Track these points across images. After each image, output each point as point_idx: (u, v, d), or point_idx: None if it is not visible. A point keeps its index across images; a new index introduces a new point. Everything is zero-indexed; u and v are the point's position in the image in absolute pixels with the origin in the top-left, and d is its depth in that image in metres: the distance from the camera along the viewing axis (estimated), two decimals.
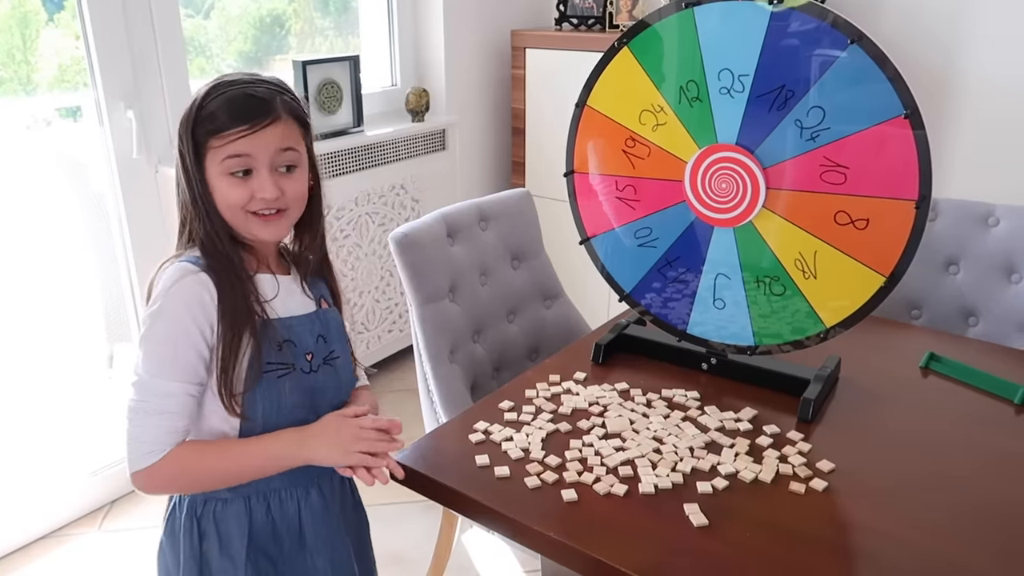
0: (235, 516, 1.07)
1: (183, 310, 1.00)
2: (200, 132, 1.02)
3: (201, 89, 1.04)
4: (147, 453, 0.99)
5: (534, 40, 2.86)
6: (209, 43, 2.46)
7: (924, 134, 1.13)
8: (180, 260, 1.04)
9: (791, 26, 1.19)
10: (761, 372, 1.39)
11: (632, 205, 1.41)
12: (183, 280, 1.00)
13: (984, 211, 1.78)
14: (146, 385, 0.99)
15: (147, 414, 0.99)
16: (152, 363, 0.99)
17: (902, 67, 1.13)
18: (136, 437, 0.99)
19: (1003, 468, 1.15)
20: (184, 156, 1.03)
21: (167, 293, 1.00)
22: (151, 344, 1.00)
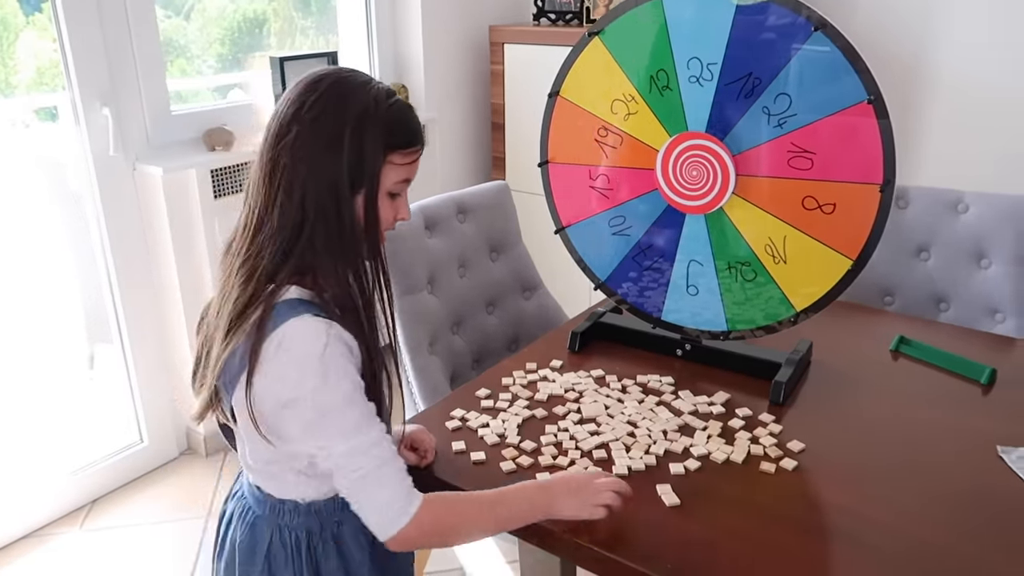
0: (355, 536, 1.02)
1: (347, 365, 0.92)
2: (377, 147, 0.92)
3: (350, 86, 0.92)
4: (399, 512, 0.91)
5: (512, 35, 2.87)
6: (189, 44, 2.46)
7: (888, 119, 1.15)
8: (303, 312, 0.91)
9: (757, 14, 1.20)
10: (734, 357, 1.41)
11: (605, 194, 1.43)
12: (331, 335, 0.90)
13: (954, 198, 1.81)
14: (356, 449, 0.91)
15: (372, 475, 0.91)
16: (349, 426, 0.91)
17: (875, 58, 1.15)
18: (380, 505, 0.91)
19: (970, 447, 1.18)
20: (358, 163, 0.91)
21: (323, 358, 0.89)
22: (333, 410, 0.90)
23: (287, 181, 0.91)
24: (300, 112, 0.91)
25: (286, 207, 0.91)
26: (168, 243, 2.21)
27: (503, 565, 1.97)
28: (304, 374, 0.89)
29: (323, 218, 0.91)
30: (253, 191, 0.95)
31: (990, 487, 1.08)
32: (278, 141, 0.92)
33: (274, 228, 0.92)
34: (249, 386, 0.90)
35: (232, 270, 0.95)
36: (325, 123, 0.91)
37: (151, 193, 2.18)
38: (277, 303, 0.91)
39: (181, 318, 2.28)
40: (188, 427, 2.45)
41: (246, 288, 0.92)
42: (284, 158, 0.91)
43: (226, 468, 2.36)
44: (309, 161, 0.91)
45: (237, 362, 0.93)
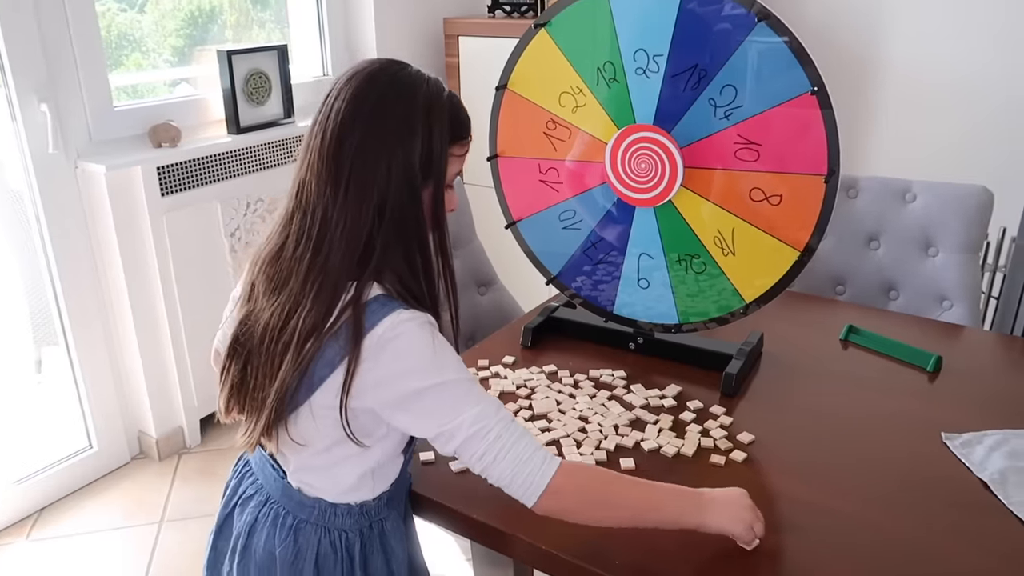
0: (395, 531, 1.02)
1: (441, 342, 0.92)
2: (444, 137, 0.92)
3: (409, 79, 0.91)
4: (540, 469, 0.89)
5: (467, 28, 2.84)
6: (144, 37, 2.39)
7: (831, 110, 1.15)
8: (396, 308, 0.89)
9: (702, 6, 1.20)
10: (686, 349, 1.41)
11: (555, 188, 1.42)
12: (433, 323, 0.92)
13: (902, 187, 1.84)
14: (485, 413, 0.89)
15: (504, 436, 0.89)
16: (473, 395, 0.90)
17: (826, 50, 1.16)
18: (519, 462, 0.89)
19: (915, 434, 1.19)
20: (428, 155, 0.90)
21: (434, 344, 0.89)
22: (460, 386, 0.90)
23: (360, 180, 0.88)
24: (363, 108, 0.89)
25: (359, 207, 0.88)
26: (114, 243, 2.14)
27: (463, 562, 1.96)
28: (422, 363, 0.89)
29: (400, 215, 0.90)
30: (310, 193, 0.90)
31: (935, 474, 1.10)
32: (342, 140, 0.89)
33: (346, 230, 0.88)
34: (347, 388, 0.88)
35: (294, 280, 0.91)
36: (394, 118, 0.89)
37: (94, 192, 2.11)
38: (368, 302, 0.89)
39: (129, 320, 2.22)
40: (140, 431, 2.39)
41: (320, 296, 0.88)
42: (353, 157, 0.88)
43: (180, 472, 2.31)
44: (382, 158, 0.88)
45: (321, 368, 0.89)
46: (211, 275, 2.33)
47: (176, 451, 2.40)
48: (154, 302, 2.25)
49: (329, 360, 0.89)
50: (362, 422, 0.93)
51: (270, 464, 1.02)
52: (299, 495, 0.99)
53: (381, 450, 0.97)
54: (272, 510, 1.01)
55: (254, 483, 1.05)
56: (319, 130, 0.91)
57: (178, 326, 2.29)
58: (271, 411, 0.91)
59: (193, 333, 2.32)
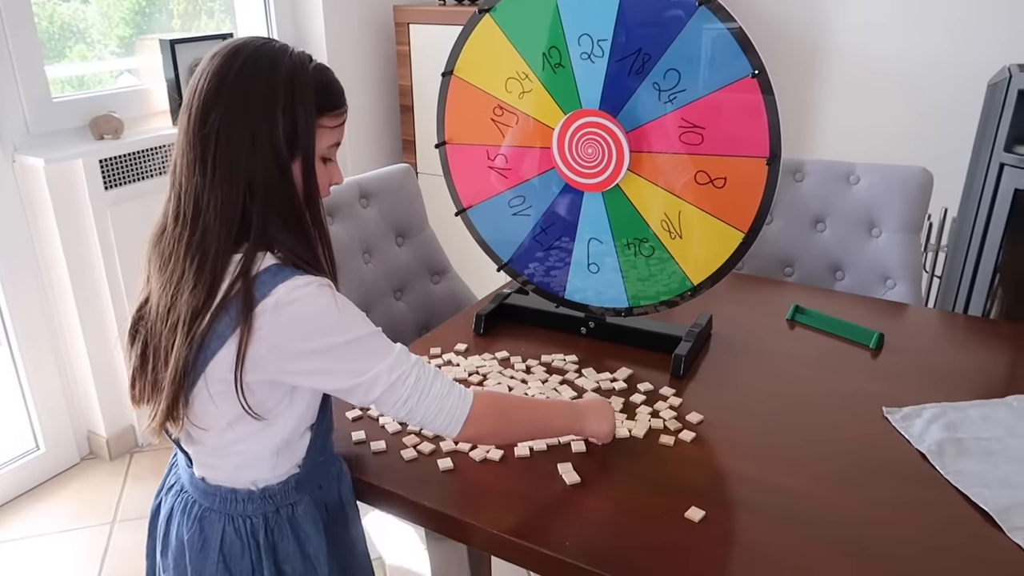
0: (309, 515, 1.01)
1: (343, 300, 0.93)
2: (309, 110, 0.91)
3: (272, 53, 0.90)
4: (460, 400, 0.96)
5: (417, 15, 2.82)
6: (89, 28, 2.32)
7: (772, 94, 1.17)
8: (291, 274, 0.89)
9: None
10: (637, 332, 1.42)
11: (504, 174, 1.42)
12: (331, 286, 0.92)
13: (846, 170, 1.87)
14: (393, 366, 0.93)
15: (420, 379, 0.94)
16: (384, 345, 0.94)
17: (773, 35, 1.17)
18: (440, 397, 0.95)
19: (858, 409, 1.22)
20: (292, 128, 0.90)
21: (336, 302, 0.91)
22: (369, 337, 0.93)
23: (226, 157, 0.88)
24: (224, 85, 0.88)
25: (228, 184, 0.88)
26: (56, 238, 2.09)
27: (420, 549, 1.95)
28: (328, 322, 0.90)
29: (271, 189, 0.90)
30: (182, 174, 0.90)
31: (877, 447, 1.13)
32: (205, 118, 0.88)
33: (219, 207, 0.88)
34: (241, 360, 0.87)
35: (175, 260, 0.90)
36: (255, 92, 0.88)
37: (34, 186, 2.05)
38: (259, 272, 0.89)
39: (75, 317, 2.17)
40: (89, 431, 2.34)
41: (202, 273, 0.89)
42: (217, 134, 0.88)
43: (132, 471, 2.27)
44: (245, 133, 0.88)
45: (213, 343, 0.89)
46: None
47: (128, 450, 2.35)
48: (101, 298, 2.20)
49: (220, 334, 0.88)
50: (259, 397, 0.92)
51: (184, 453, 1.02)
52: (202, 483, 1.00)
53: (283, 427, 0.97)
54: (183, 499, 1.02)
55: (176, 473, 1.06)
56: (184, 109, 0.90)
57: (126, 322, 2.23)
58: (169, 393, 0.91)
59: None
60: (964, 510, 1.00)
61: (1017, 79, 2.01)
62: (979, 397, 1.23)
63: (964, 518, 0.98)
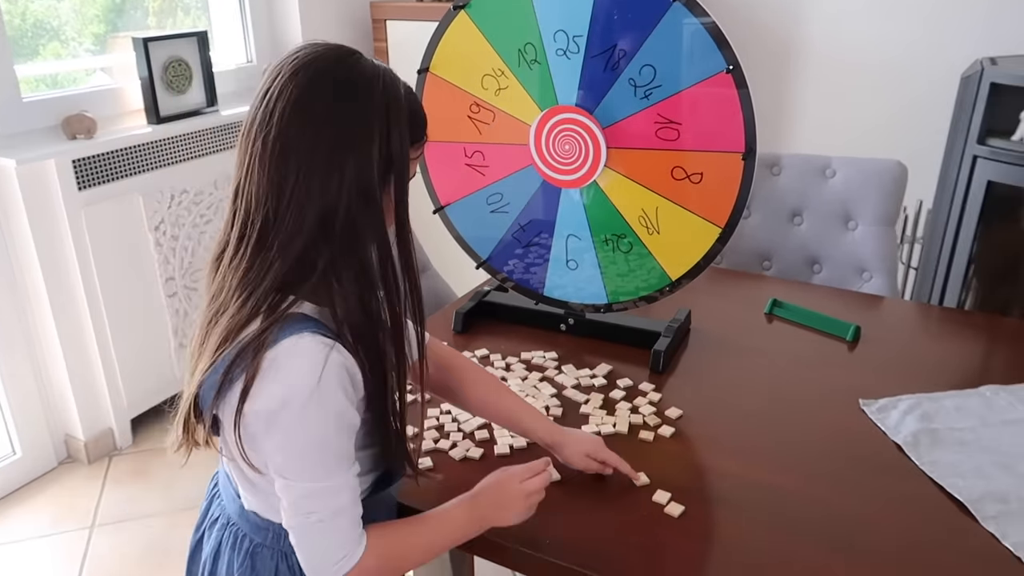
0: None
1: (339, 396, 0.80)
2: (404, 139, 0.81)
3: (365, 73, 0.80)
4: (340, 560, 0.83)
5: (394, 12, 2.80)
6: (63, 26, 2.28)
7: (747, 89, 1.17)
8: (305, 329, 0.79)
9: None
10: (617, 328, 1.42)
11: (481, 171, 1.41)
12: (329, 360, 0.78)
13: (822, 163, 1.88)
14: (314, 495, 0.81)
15: (324, 523, 0.82)
16: (315, 467, 0.81)
17: (748, 30, 1.17)
18: (323, 551, 0.83)
19: (835, 402, 1.23)
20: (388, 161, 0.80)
21: (314, 385, 0.77)
22: (306, 446, 0.80)
23: (304, 191, 0.78)
24: (311, 112, 0.78)
25: (302, 214, 0.78)
26: (29, 240, 2.06)
27: None
28: (289, 398, 0.78)
29: (350, 228, 0.79)
30: (250, 201, 0.80)
31: (854, 439, 1.14)
32: (287, 149, 0.78)
33: (288, 237, 0.79)
34: (241, 408, 0.79)
35: (227, 284, 0.82)
36: (347, 123, 0.78)
37: (5, 187, 2.02)
38: (288, 314, 0.80)
39: (50, 319, 2.14)
40: (67, 434, 2.31)
41: (247, 299, 0.80)
42: (298, 167, 0.78)
43: (110, 475, 2.24)
44: (333, 168, 0.78)
45: (218, 378, 0.80)
46: (136, 270, 2.26)
47: (106, 453, 2.33)
48: (76, 300, 2.17)
49: (224, 372, 0.80)
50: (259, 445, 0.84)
51: (231, 483, 0.95)
52: (254, 516, 0.92)
53: None
54: (232, 533, 0.95)
55: (220, 504, 0.98)
56: (259, 133, 0.79)
57: (103, 324, 2.21)
58: (184, 411, 0.85)
59: (119, 331, 2.24)
60: (939, 500, 1.01)
61: (989, 72, 2.04)
62: (953, 388, 1.25)
63: (939, 508, 0.99)
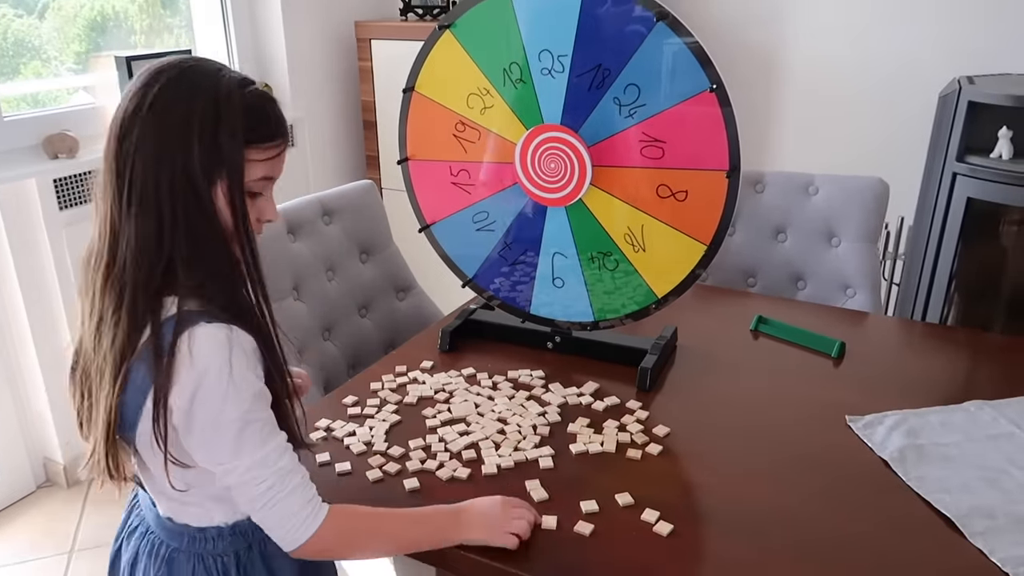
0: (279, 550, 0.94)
1: (249, 373, 0.84)
2: (235, 136, 0.83)
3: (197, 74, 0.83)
4: (306, 519, 0.87)
5: (379, 31, 2.81)
6: (44, 45, 2.27)
7: (730, 107, 1.18)
8: (197, 321, 0.82)
9: (603, 5, 1.21)
10: (604, 346, 1.42)
11: (467, 190, 1.41)
12: (232, 342, 0.83)
13: (805, 181, 1.90)
14: (256, 465, 0.85)
15: (275, 488, 0.85)
16: (247, 441, 0.84)
17: (732, 49, 1.18)
18: (286, 515, 0.86)
19: (821, 418, 1.23)
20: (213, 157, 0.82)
21: (225, 368, 0.81)
22: (233, 423, 0.83)
23: (139, 183, 0.82)
24: (142, 107, 0.82)
25: (143, 212, 0.82)
26: (9, 260, 2.03)
27: None
28: (204, 389, 0.82)
29: (185, 219, 0.83)
30: (103, 199, 0.85)
31: (841, 456, 1.14)
32: (121, 141, 0.82)
33: (135, 237, 0.82)
34: (158, 414, 0.82)
35: (95, 290, 0.85)
36: (171, 115, 0.82)
37: None
38: (164, 320, 0.83)
39: (29, 341, 2.11)
40: (45, 457, 2.27)
41: (119, 313, 0.83)
42: (131, 158, 0.82)
43: (90, 498, 2.21)
44: (158, 158, 0.81)
45: (134, 395, 0.84)
46: None
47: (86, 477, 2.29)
48: (56, 321, 2.15)
49: (140, 386, 0.83)
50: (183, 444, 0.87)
51: (147, 493, 0.97)
52: (169, 523, 0.95)
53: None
54: (150, 540, 0.97)
55: (139, 514, 1.01)
56: (107, 132, 0.84)
57: None
58: (101, 444, 0.86)
59: None
60: (926, 516, 1.01)
61: (967, 91, 2.07)
62: (938, 403, 1.25)
63: (927, 524, 1.00)
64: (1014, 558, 0.92)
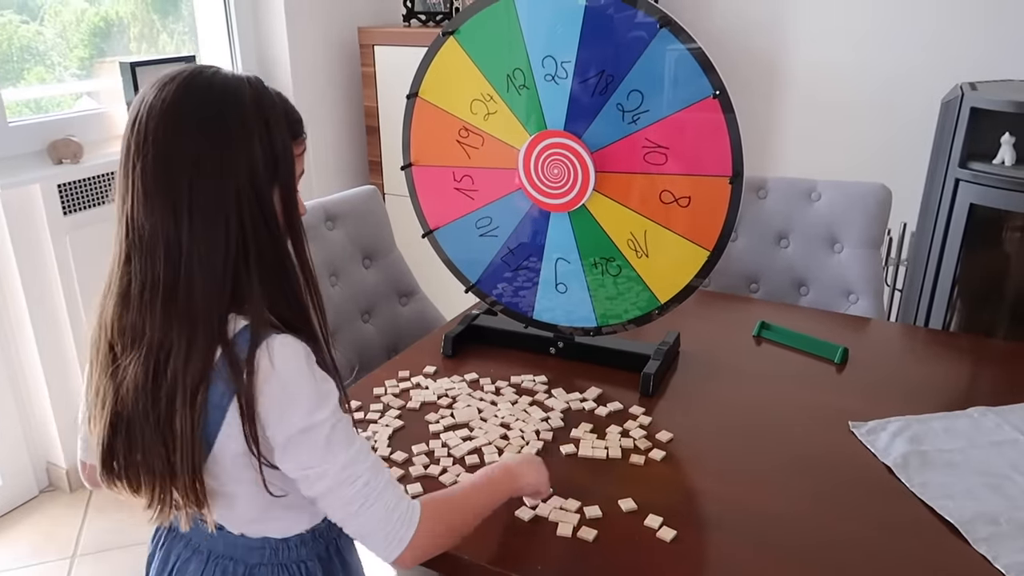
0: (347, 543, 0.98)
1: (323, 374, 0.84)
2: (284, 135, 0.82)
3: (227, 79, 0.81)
4: (406, 515, 0.85)
5: (382, 37, 2.82)
6: (48, 51, 2.28)
7: (733, 114, 1.19)
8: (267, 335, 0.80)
9: (606, 12, 1.22)
10: (606, 351, 1.42)
11: (470, 195, 1.42)
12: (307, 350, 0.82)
13: (808, 187, 1.90)
14: (349, 464, 0.83)
15: (370, 484, 0.83)
16: (339, 441, 0.83)
17: (734, 55, 1.18)
18: (386, 513, 0.84)
19: (824, 424, 1.23)
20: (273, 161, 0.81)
21: (308, 375, 0.81)
22: (324, 425, 0.82)
23: (202, 202, 0.78)
24: (185, 122, 0.78)
25: (210, 232, 0.78)
26: (12, 266, 2.04)
27: None
28: (292, 397, 0.80)
29: (254, 230, 0.80)
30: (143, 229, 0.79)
31: (844, 462, 1.14)
32: (169, 163, 0.78)
33: (202, 260, 0.78)
34: (250, 426, 0.79)
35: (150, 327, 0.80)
36: (224, 125, 0.79)
37: None
38: (234, 336, 0.80)
39: (32, 346, 2.11)
40: (48, 462, 2.27)
41: (195, 341, 0.79)
42: (188, 179, 0.77)
43: (93, 503, 2.21)
44: (224, 173, 0.78)
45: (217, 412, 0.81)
46: None
47: None
48: (60, 326, 2.15)
49: (217, 404, 0.80)
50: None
51: (200, 521, 0.92)
52: (244, 540, 0.92)
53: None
54: (218, 566, 0.93)
55: (187, 545, 0.96)
56: (136, 157, 0.79)
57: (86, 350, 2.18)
58: (184, 473, 0.81)
59: None
60: (930, 522, 1.01)
61: (969, 97, 2.07)
62: (941, 409, 1.25)
63: (931, 530, 0.99)
64: (1018, 564, 0.92)
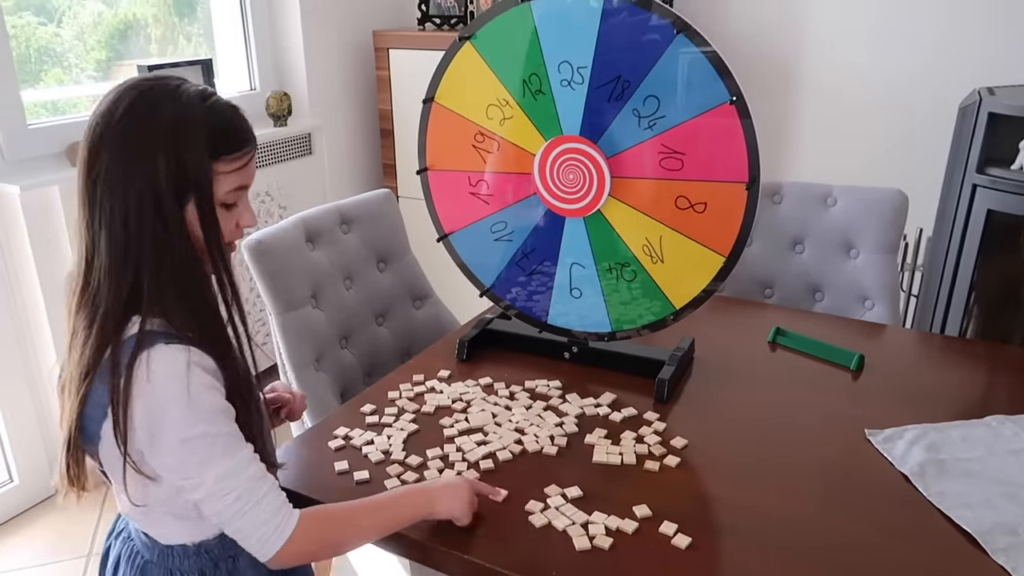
0: (251, 567, 0.98)
1: (210, 391, 0.87)
2: (200, 154, 0.85)
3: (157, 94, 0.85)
4: (277, 528, 0.88)
5: (397, 40, 2.83)
6: (66, 52, 2.30)
7: (750, 119, 1.18)
8: (156, 342, 0.84)
9: (623, 18, 1.22)
10: (620, 357, 1.42)
11: (486, 200, 1.42)
12: (191, 362, 0.85)
13: (823, 192, 1.89)
14: (222, 477, 0.86)
15: (243, 499, 0.87)
16: (218, 451, 0.86)
17: (750, 60, 1.18)
18: (255, 524, 0.87)
19: (840, 432, 1.23)
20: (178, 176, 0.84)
21: (185, 386, 0.84)
22: (195, 441, 0.85)
23: (108, 207, 0.84)
24: (107, 131, 0.84)
25: (112, 235, 0.84)
26: (31, 266, 2.06)
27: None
28: (164, 410, 0.84)
29: (152, 239, 0.85)
30: (79, 222, 0.87)
31: (860, 470, 1.13)
32: (91, 166, 0.85)
33: (105, 259, 0.85)
34: (118, 428, 0.84)
35: (70, 313, 0.89)
36: (135, 138, 0.84)
37: (9, 214, 2.02)
38: (125, 339, 0.85)
39: (50, 346, 2.13)
40: None
41: (90, 330, 0.86)
42: (100, 183, 0.84)
43: (108, 502, 2.22)
44: (125, 181, 0.84)
45: (94, 410, 0.87)
46: None
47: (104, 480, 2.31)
48: None
49: (99, 402, 0.86)
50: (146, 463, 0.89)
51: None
52: (142, 535, 0.98)
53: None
54: (129, 548, 1.00)
55: (124, 518, 1.04)
56: (82, 167, 0.86)
57: None
58: (62, 450, 0.89)
59: None
60: (948, 532, 1.00)
61: (987, 102, 2.06)
62: (958, 418, 1.24)
63: (948, 540, 0.99)
64: None
